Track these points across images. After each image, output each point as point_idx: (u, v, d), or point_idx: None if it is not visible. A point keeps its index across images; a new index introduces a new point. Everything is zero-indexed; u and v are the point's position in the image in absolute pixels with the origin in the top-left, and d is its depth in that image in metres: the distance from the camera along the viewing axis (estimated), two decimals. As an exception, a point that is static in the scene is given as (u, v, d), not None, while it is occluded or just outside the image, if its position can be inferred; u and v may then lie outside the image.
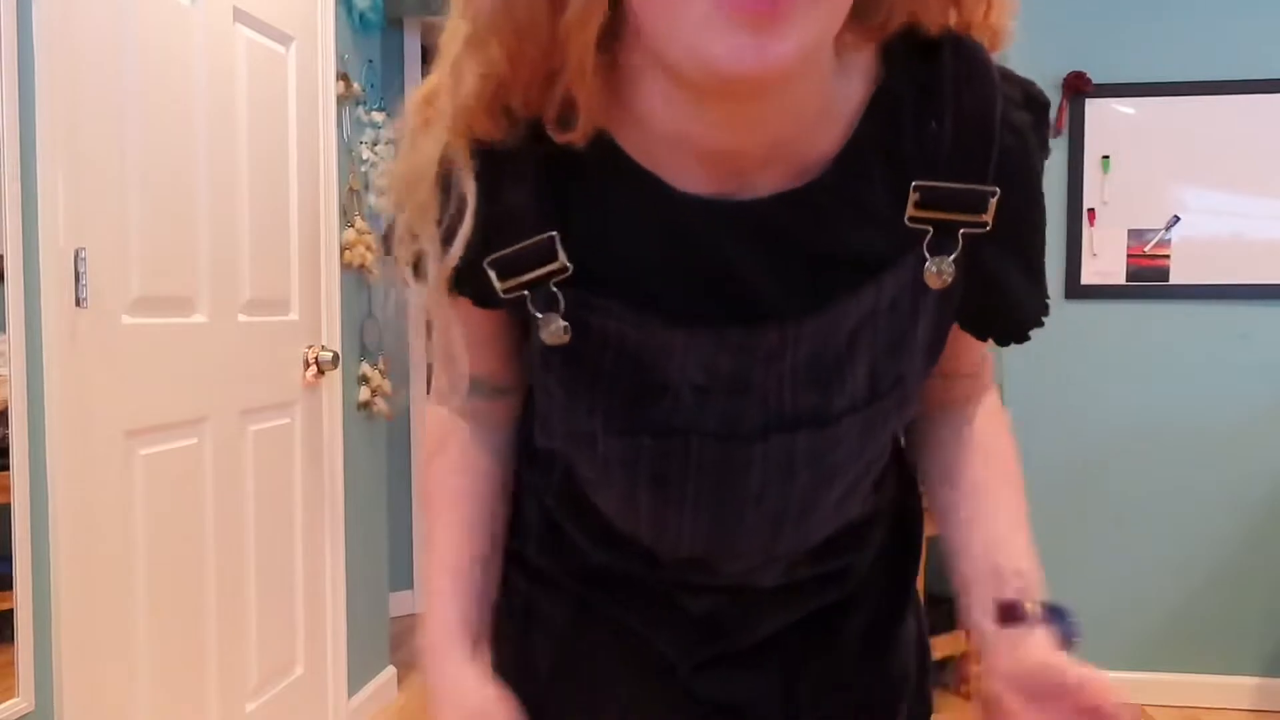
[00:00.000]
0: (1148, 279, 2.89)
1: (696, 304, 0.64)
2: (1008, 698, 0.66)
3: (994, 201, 0.62)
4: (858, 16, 0.58)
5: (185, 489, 2.01)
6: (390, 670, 3.03)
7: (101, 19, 1.75)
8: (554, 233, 0.63)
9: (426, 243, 0.65)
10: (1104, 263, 2.91)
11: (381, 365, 2.88)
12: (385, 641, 3.02)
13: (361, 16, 2.74)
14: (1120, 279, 2.91)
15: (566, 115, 0.60)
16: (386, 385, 2.87)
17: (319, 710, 2.56)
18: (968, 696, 2.99)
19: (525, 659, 0.82)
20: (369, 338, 2.84)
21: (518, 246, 0.63)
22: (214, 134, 2.07)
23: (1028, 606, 0.69)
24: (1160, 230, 2.88)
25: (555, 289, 0.64)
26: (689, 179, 0.62)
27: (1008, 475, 0.77)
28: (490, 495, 0.81)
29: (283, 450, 2.38)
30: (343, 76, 2.61)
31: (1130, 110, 2.89)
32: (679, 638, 0.79)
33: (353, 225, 2.67)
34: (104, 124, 1.76)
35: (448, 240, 0.64)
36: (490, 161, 0.63)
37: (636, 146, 0.63)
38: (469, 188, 0.63)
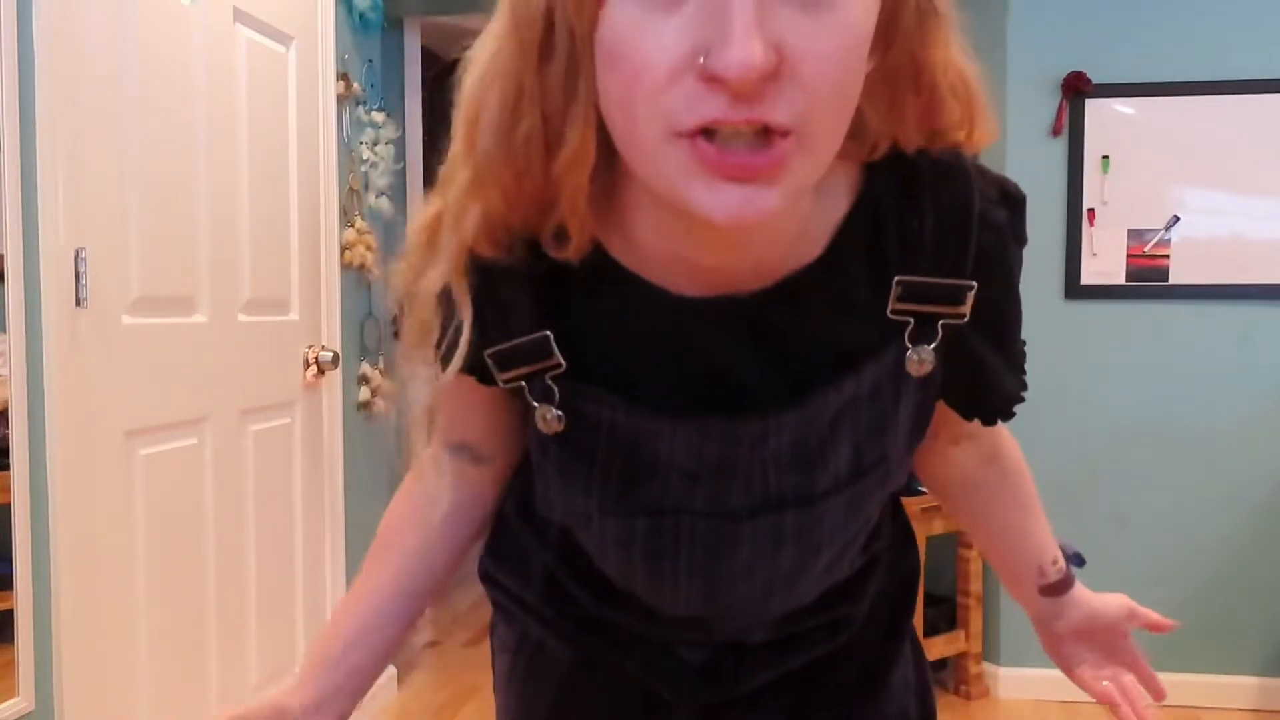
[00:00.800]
0: (1147, 279, 2.89)
1: (683, 395, 0.68)
2: (1071, 643, 0.91)
3: (971, 295, 0.66)
4: (844, 145, 0.60)
5: (185, 489, 2.01)
6: (390, 670, 3.03)
7: (101, 19, 1.75)
8: (548, 332, 0.67)
9: (426, 357, 0.70)
10: (1104, 263, 2.91)
11: (381, 365, 2.88)
12: (385, 641, 3.02)
13: (361, 16, 2.74)
14: (1120, 279, 2.91)
15: (561, 236, 0.64)
16: (386, 385, 2.87)
17: (319, 710, 2.56)
18: (968, 696, 2.99)
19: (531, 698, 0.86)
20: (369, 338, 2.84)
21: (514, 343, 0.67)
22: (214, 134, 2.07)
23: (1068, 577, 0.90)
24: (1160, 230, 2.88)
25: (550, 382, 0.68)
26: (677, 283, 0.66)
27: (1032, 493, 0.90)
28: (422, 555, 0.83)
29: (283, 450, 2.38)
30: (343, 76, 2.61)
31: (1130, 110, 2.89)
32: (678, 685, 0.81)
33: (353, 225, 2.67)
34: (104, 124, 1.76)
35: (447, 355, 0.69)
36: (488, 273, 0.66)
37: (627, 256, 0.67)
38: (466, 313, 0.67)
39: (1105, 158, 2.90)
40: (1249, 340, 2.87)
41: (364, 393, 2.78)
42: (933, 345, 0.67)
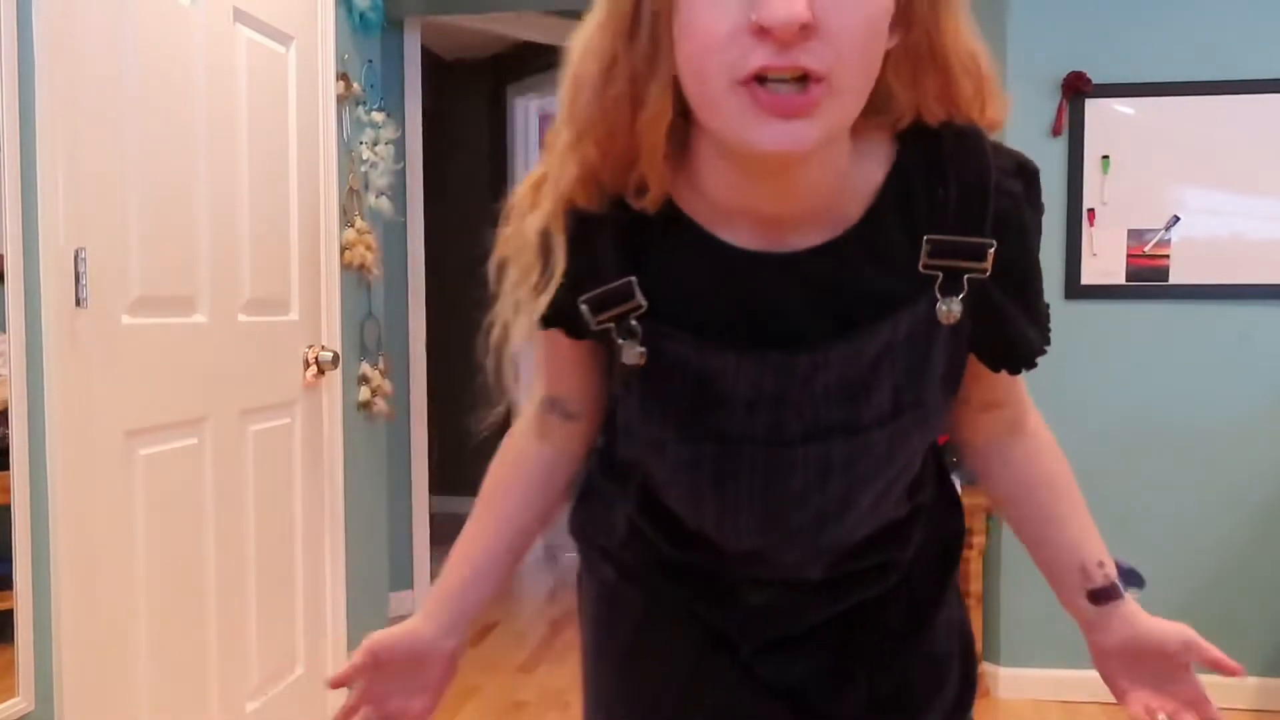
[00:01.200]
0: (1147, 279, 2.89)
1: (745, 334, 0.79)
2: (1116, 661, 0.92)
3: (992, 252, 0.77)
4: (873, 114, 0.75)
5: (185, 489, 2.01)
6: (390, 670, 3.03)
7: (101, 19, 1.75)
8: (632, 278, 0.80)
9: (526, 294, 0.82)
10: (1104, 263, 2.91)
11: (381, 365, 2.88)
12: (385, 641, 3.02)
13: (361, 16, 2.74)
14: (1120, 279, 2.91)
15: (641, 189, 0.78)
16: (386, 385, 2.87)
17: (319, 710, 2.56)
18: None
19: (609, 638, 0.99)
20: (369, 338, 2.84)
21: (604, 289, 0.80)
22: (214, 134, 2.07)
23: (1114, 586, 0.92)
24: (1160, 230, 2.88)
25: (634, 322, 0.80)
26: (740, 237, 0.79)
27: (1071, 484, 0.96)
28: (526, 491, 0.97)
29: (283, 450, 2.38)
30: (343, 76, 2.61)
31: (1130, 110, 2.89)
32: (741, 624, 0.91)
33: (353, 225, 2.67)
34: (104, 124, 1.76)
35: (544, 291, 0.81)
36: (582, 225, 0.80)
37: (697, 211, 0.80)
38: (561, 252, 0.80)
39: (1105, 158, 2.90)
40: (1249, 340, 2.87)
41: (364, 393, 2.78)
42: (960, 296, 0.78)
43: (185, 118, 1.98)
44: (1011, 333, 0.83)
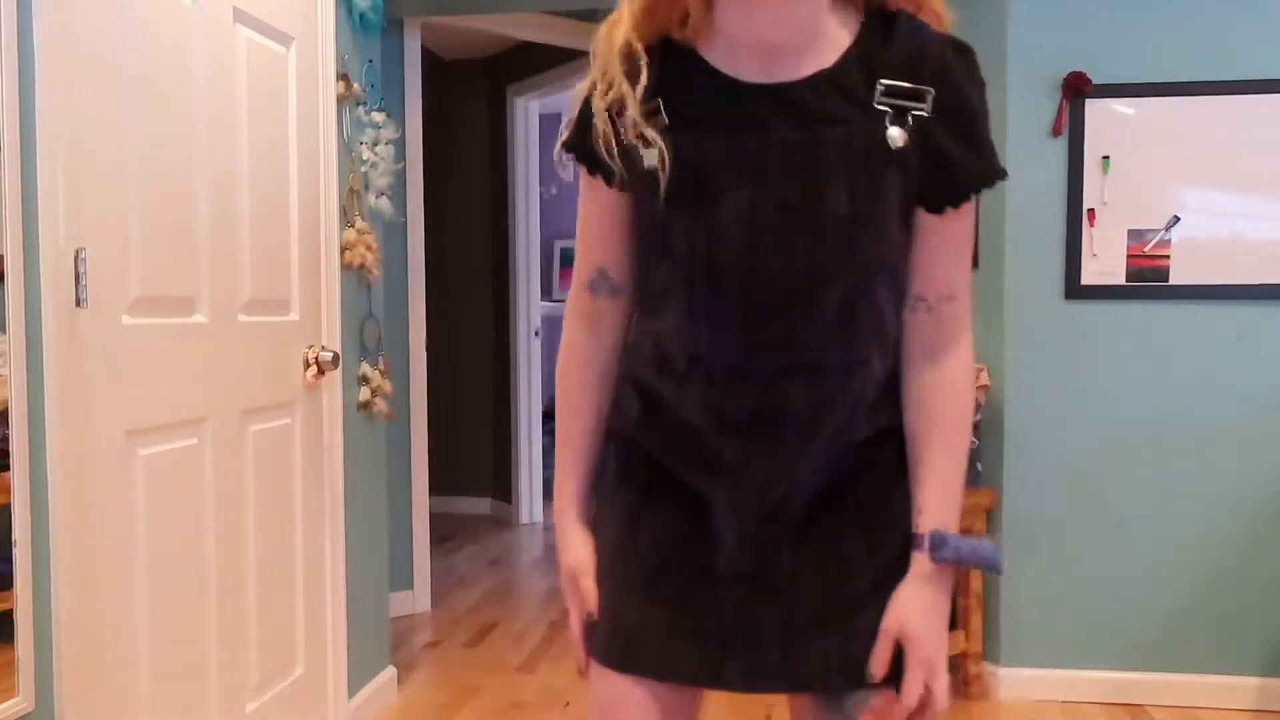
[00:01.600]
0: (1148, 279, 2.90)
1: (740, 136, 1.04)
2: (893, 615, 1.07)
3: (930, 97, 1.02)
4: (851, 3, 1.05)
5: (185, 489, 2.01)
6: (390, 670, 3.03)
7: (101, 19, 1.75)
8: (659, 99, 1.05)
9: (618, 82, 1.06)
10: (1104, 263, 2.91)
11: (381, 365, 2.88)
12: (385, 641, 3.02)
13: (361, 16, 2.74)
14: (1120, 279, 2.91)
15: (684, 20, 1.06)
16: (386, 385, 2.87)
17: (319, 710, 2.56)
18: (968, 696, 2.99)
19: (619, 501, 1.19)
20: (369, 338, 2.84)
21: (640, 107, 1.04)
22: (214, 134, 2.07)
23: (917, 544, 1.07)
24: (1160, 230, 2.88)
25: (656, 132, 1.04)
26: (744, 73, 1.05)
27: (949, 433, 1.09)
28: (598, 382, 1.20)
29: (283, 450, 2.38)
30: (343, 76, 2.61)
31: (1130, 110, 2.89)
32: (721, 487, 1.11)
33: (353, 225, 2.67)
34: (104, 124, 1.76)
35: (596, 104, 1.08)
36: (632, 59, 1.05)
37: (715, 56, 1.06)
38: (620, 80, 1.06)
39: (1105, 158, 2.90)
40: (1248, 340, 2.87)
41: (364, 393, 2.78)
42: (905, 128, 1.01)
43: (185, 118, 1.98)
44: (947, 164, 1.04)
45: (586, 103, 1.09)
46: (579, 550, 1.19)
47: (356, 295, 2.76)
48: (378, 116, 2.81)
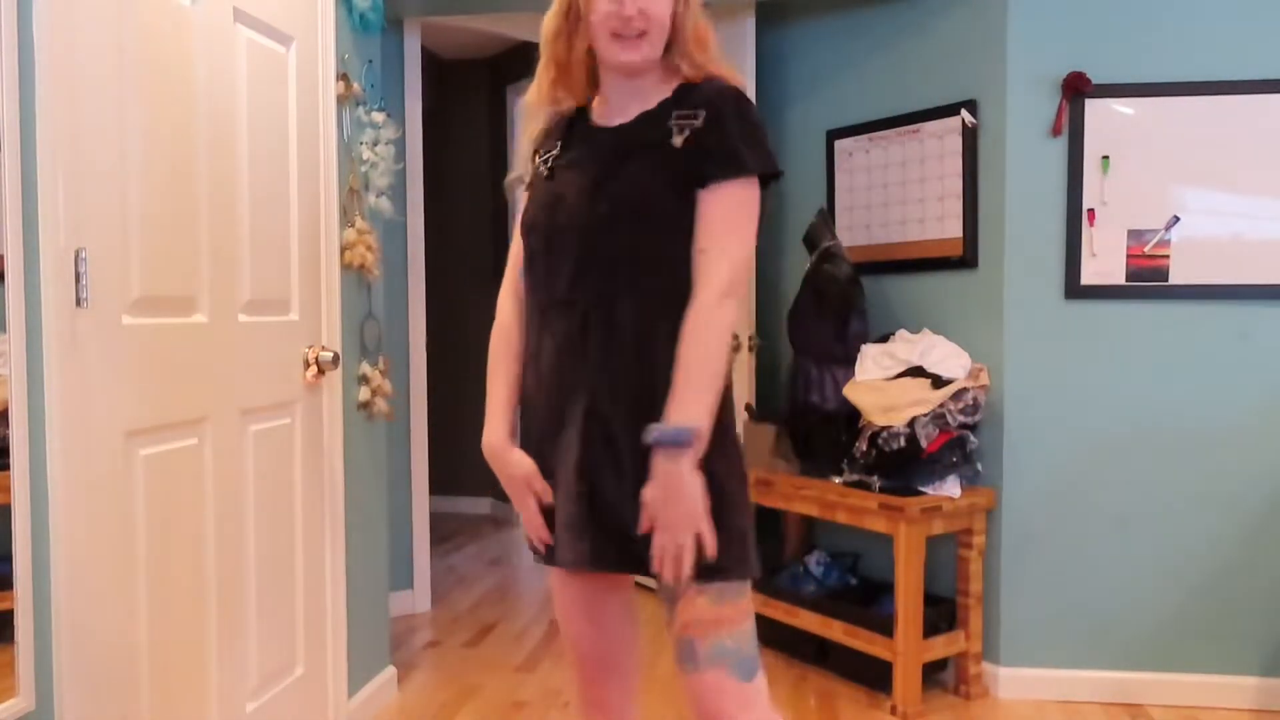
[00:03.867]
0: (1147, 279, 2.90)
1: (579, 154, 1.59)
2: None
3: (702, 116, 1.50)
4: (667, 75, 1.57)
5: (185, 489, 2.01)
6: (390, 670, 3.03)
7: (101, 19, 1.75)
8: (559, 141, 1.62)
9: (526, 146, 1.68)
10: (1104, 263, 2.92)
11: (381, 365, 2.88)
12: (385, 641, 3.02)
13: (361, 16, 2.74)
14: (1120, 279, 2.91)
15: (581, 96, 1.63)
16: (386, 385, 2.87)
17: (319, 710, 2.56)
18: (968, 696, 2.99)
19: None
20: (369, 338, 2.84)
21: (548, 147, 1.64)
22: (214, 134, 2.07)
23: (650, 438, 1.41)
24: (1160, 230, 2.88)
25: (550, 160, 1.62)
26: (606, 118, 1.60)
27: (686, 359, 1.43)
28: (521, 339, 1.65)
29: (283, 450, 2.38)
30: (343, 76, 2.61)
31: (1130, 110, 2.89)
32: (540, 375, 1.59)
33: (353, 225, 2.67)
34: (104, 124, 1.76)
35: (527, 150, 1.69)
36: (556, 120, 1.66)
37: (597, 110, 1.62)
38: (530, 134, 1.68)
39: (1105, 158, 2.90)
40: (1248, 340, 2.87)
41: (364, 393, 2.78)
42: (684, 135, 1.50)
43: (185, 118, 1.98)
44: (708, 157, 1.48)
45: (522, 143, 1.68)
46: (525, 460, 1.57)
47: (356, 295, 2.76)
48: (378, 116, 2.81)
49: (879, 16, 3.37)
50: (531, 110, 1.63)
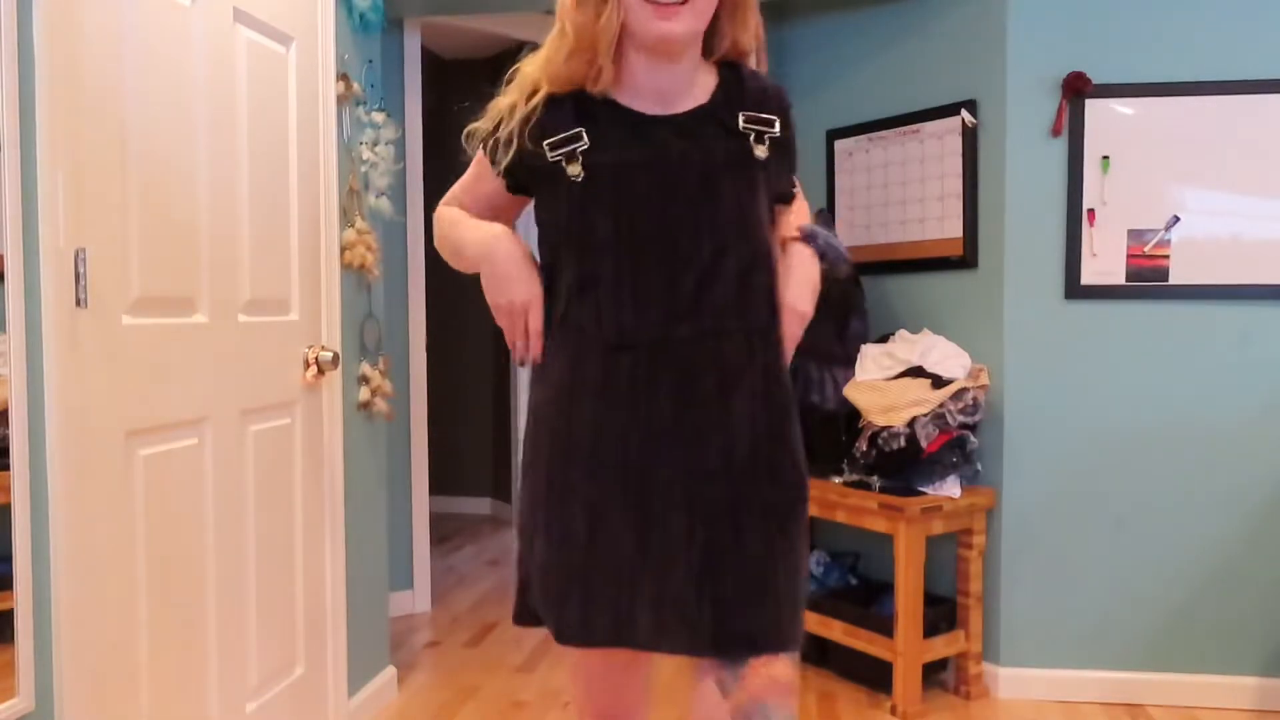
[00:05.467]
0: (1147, 279, 2.90)
1: (641, 154, 1.39)
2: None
3: (779, 124, 1.45)
4: (708, 54, 1.45)
5: (185, 489, 2.01)
6: (390, 670, 3.03)
7: (101, 19, 1.75)
8: (582, 128, 1.40)
9: (503, 128, 1.45)
10: (1104, 263, 2.92)
11: (381, 365, 2.88)
12: (385, 641, 3.02)
13: (361, 16, 2.74)
14: (1120, 279, 2.91)
15: (597, 77, 1.39)
16: (386, 385, 2.87)
17: (319, 710, 2.56)
18: (968, 696, 2.99)
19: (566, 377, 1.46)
20: (369, 338, 2.84)
21: (564, 134, 1.40)
22: (214, 134, 2.07)
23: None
24: (1160, 230, 2.88)
25: (579, 154, 1.39)
26: (645, 108, 1.42)
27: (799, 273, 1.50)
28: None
29: (283, 450, 2.38)
30: (343, 76, 2.61)
31: (1130, 110, 2.89)
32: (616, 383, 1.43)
33: (353, 225, 2.67)
34: (104, 124, 1.76)
35: (496, 150, 1.47)
36: (554, 99, 1.42)
37: (623, 98, 1.42)
38: (518, 120, 1.43)
39: (1105, 158, 2.90)
40: (1248, 340, 2.87)
41: (364, 393, 2.78)
42: (765, 144, 1.43)
43: (185, 118, 1.98)
44: (786, 166, 1.49)
45: (504, 109, 1.44)
46: (536, 285, 1.45)
47: (356, 295, 2.76)
48: (378, 116, 2.81)
49: (879, 16, 3.37)
50: (525, 85, 1.42)
